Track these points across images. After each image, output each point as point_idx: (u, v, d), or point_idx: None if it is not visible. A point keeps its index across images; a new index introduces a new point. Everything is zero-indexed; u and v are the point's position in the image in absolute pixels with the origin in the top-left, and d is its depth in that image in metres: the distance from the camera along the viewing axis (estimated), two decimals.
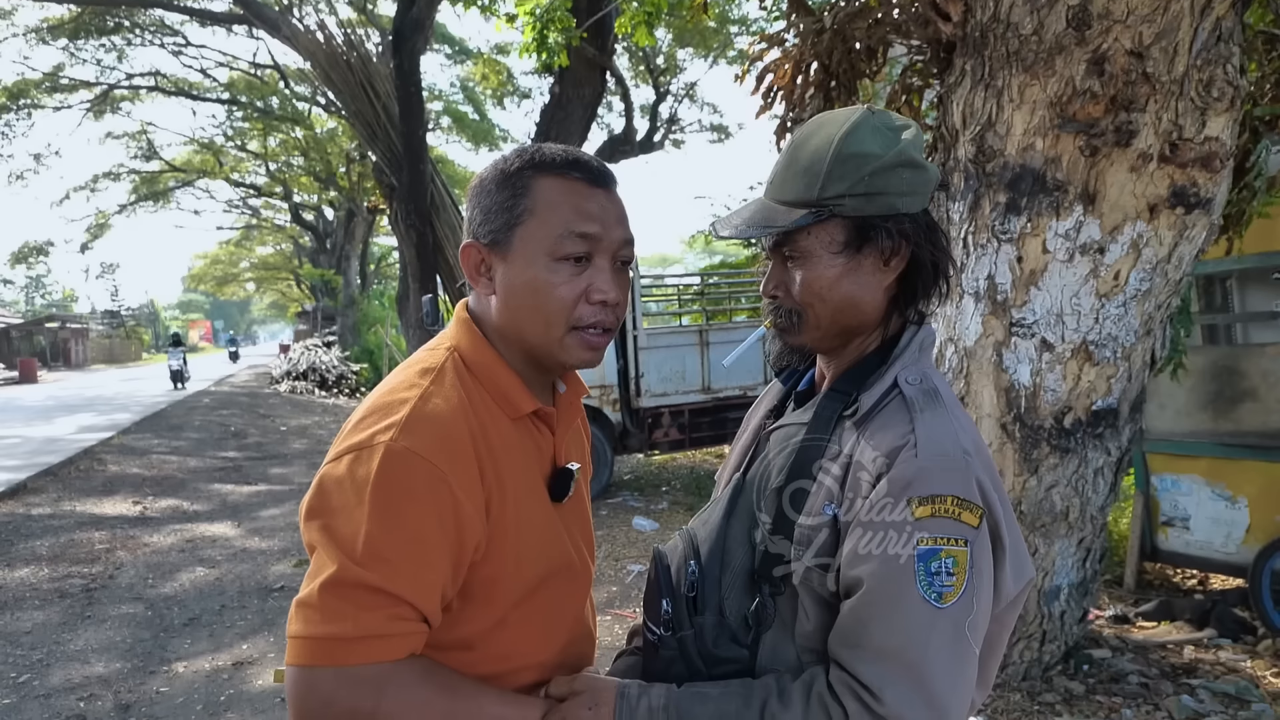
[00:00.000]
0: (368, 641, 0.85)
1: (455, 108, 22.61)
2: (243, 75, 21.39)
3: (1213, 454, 4.30)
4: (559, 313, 0.97)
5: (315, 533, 0.89)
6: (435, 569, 0.89)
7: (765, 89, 3.78)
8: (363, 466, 0.88)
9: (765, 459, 1.05)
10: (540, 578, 1.00)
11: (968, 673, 0.88)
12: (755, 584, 0.99)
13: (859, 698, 0.85)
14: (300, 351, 22.81)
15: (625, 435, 7.82)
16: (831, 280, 0.99)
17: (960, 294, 3.17)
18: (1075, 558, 3.26)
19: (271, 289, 51.30)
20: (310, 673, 0.85)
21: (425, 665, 0.90)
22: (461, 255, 1.02)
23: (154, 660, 4.13)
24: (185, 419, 14.11)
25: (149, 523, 6.99)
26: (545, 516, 1.02)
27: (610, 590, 5.06)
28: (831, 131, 0.99)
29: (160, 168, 27.28)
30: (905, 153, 0.98)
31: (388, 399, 0.95)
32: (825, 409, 1.01)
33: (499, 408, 0.99)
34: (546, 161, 0.99)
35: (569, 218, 0.97)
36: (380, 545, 0.86)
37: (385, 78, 11.07)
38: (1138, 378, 3.15)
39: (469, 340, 1.02)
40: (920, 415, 0.93)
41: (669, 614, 1.01)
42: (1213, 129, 2.77)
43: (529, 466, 1.02)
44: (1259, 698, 3.20)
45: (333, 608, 0.85)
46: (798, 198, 1.00)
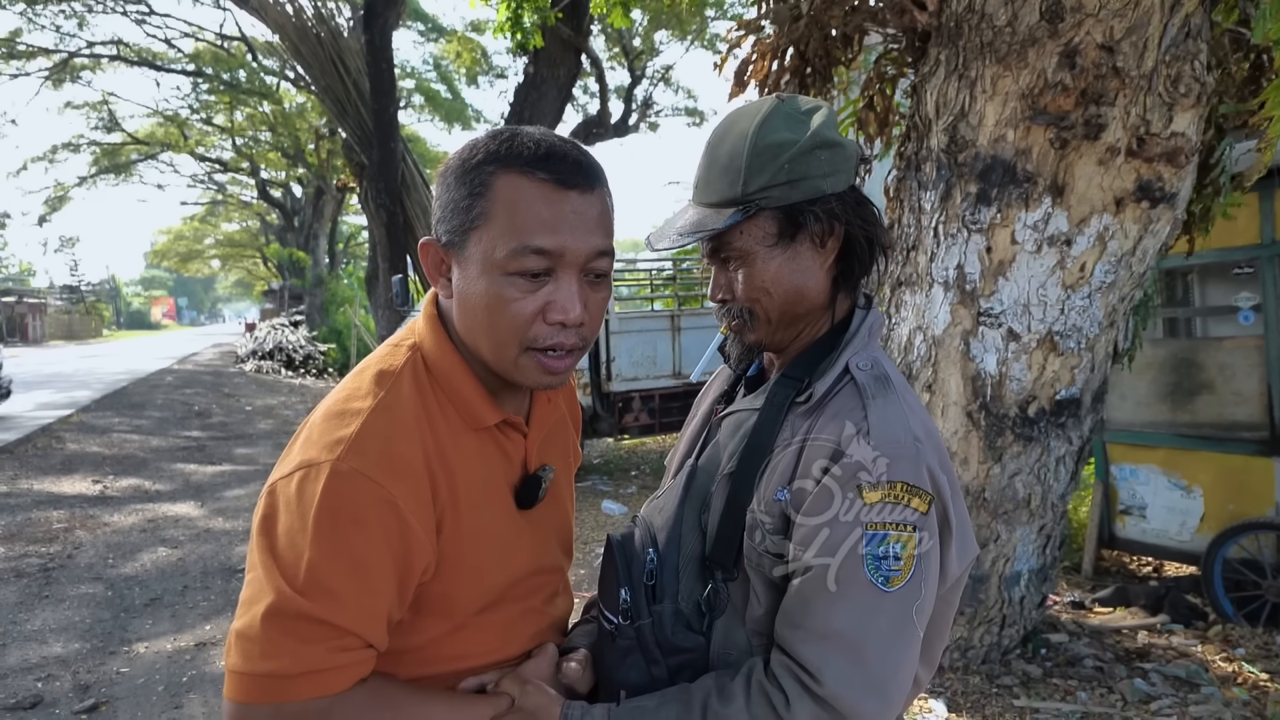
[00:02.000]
0: (309, 677, 0.81)
1: (428, 85, 22.28)
2: (209, 47, 20.85)
3: (1170, 444, 4.40)
4: (511, 332, 0.89)
5: (260, 553, 0.85)
6: (380, 595, 0.85)
7: (740, 75, 3.77)
8: (310, 486, 0.84)
9: (716, 445, 1.06)
10: (504, 586, 0.97)
11: (910, 656, 0.89)
12: (708, 570, 0.99)
13: (798, 679, 0.86)
14: (266, 330, 22.47)
15: (595, 419, 7.82)
16: (773, 273, 1.00)
17: (930, 283, 3.21)
18: (1036, 544, 3.33)
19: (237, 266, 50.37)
20: (248, 710, 0.81)
21: (369, 689, 0.87)
22: (420, 251, 0.94)
23: (114, 641, 4.07)
24: (148, 397, 13.85)
25: (109, 502, 6.86)
26: (509, 526, 0.98)
27: (579, 573, 5.07)
28: (745, 126, 0.99)
29: (122, 140, 26.55)
30: (820, 134, 0.98)
31: (342, 407, 0.90)
32: (777, 395, 1.01)
33: (460, 418, 0.94)
34: (514, 155, 0.88)
35: (527, 228, 0.86)
36: (323, 574, 0.82)
37: (356, 53, 10.88)
38: (1100, 368, 3.21)
39: (433, 341, 0.96)
40: (872, 402, 0.94)
41: (628, 603, 1.00)
42: (1179, 124, 2.81)
43: (492, 476, 0.97)
44: (1208, 681, 3.30)
45: (273, 641, 0.81)
46: (723, 198, 1.00)
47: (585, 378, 7.61)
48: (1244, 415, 4.15)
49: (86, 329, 49.14)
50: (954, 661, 3.40)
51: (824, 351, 1.01)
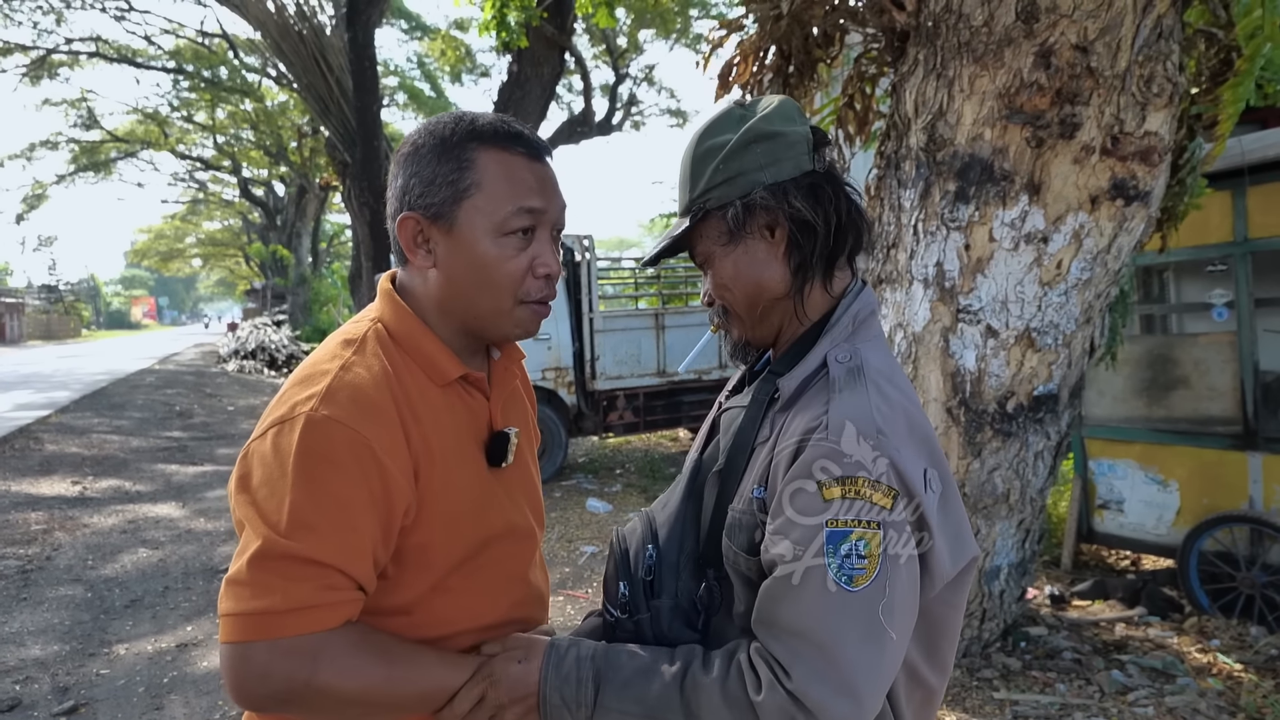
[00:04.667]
0: (299, 613, 0.85)
1: (411, 84, 22.18)
2: (189, 44, 20.66)
3: (1147, 439, 4.46)
4: (508, 288, 0.98)
5: (242, 508, 0.89)
6: (363, 534, 0.89)
7: (725, 76, 3.79)
8: (285, 438, 0.88)
9: (717, 441, 1.08)
10: (480, 542, 1.00)
11: (884, 658, 0.86)
12: (700, 568, 1.01)
13: (772, 670, 0.86)
14: (249, 330, 22.30)
15: (580, 417, 7.82)
16: (730, 270, 1.03)
17: (910, 280, 3.23)
18: (1015, 539, 3.37)
19: (219, 266, 49.99)
20: (244, 648, 0.85)
21: (360, 631, 0.90)
22: (399, 227, 0.99)
23: (94, 642, 4.04)
24: (128, 398, 13.71)
25: (89, 503, 6.80)
26: (481, 482, 1.02)
27: (563, 571, 5.07)
28: (694, 132, 1.05)
29: (101, 137, 26.29)
30: (754, 129, 1.00)
31: (309, 372, 0.94)
32: (760, 392, 1.03)
33: (425, 375, 0.99)
34: (488, 133, 0.98)
35: (517, 192, 0.97)
36: (305, 514, 0.85)
37: (339, 51, 10.83)
38: (1077, 364, 3.25)
39: (392, 311, 1.01)
40: (838, 395, 0.92)
41: (625, 597, 1.02)
42: (1152, 124, 2.86)
43: (460, 433, 1.01)
44: (1183, 672, 3.35)
45: (262, 582, 0.84)
46: (684, 207, 1.06)
47: (570, 376, 7.61)
48: (1218, 410, 4.21)
49: (65, 329, 48.56)
50: None
51: (806, 346, 1.01)
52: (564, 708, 0.91)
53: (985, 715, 3.05)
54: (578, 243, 7.67)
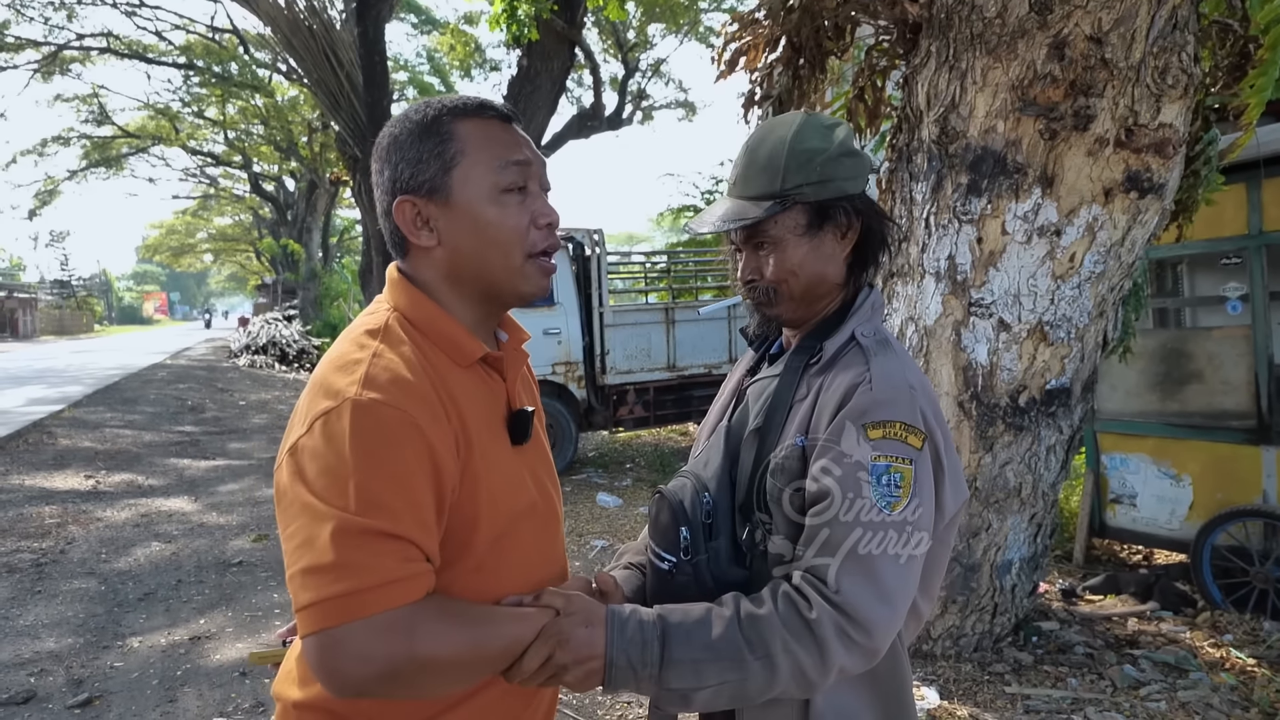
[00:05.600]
0: (388, 587, 0.85)
1: (421, 79, 22.20)
2: (200, 39, 20.73)
3: (1160, 434, 4.43)
4: (516, 242, 1.01)
5: (301, 500, 0.87)
6: (427, 508, 0.90)
7: (732, 63, 3.78)
8: (335, 425, 0.88)
9: (745, 408, 1.21)
10: (511, 518, 1.02)
11: (912, 571, 1.02)
12: (743, 514, 1.12)
13: (818, 589, 0.98)
14: (260, 325, 22.40)
15: (590, 412, 7.82)
16: (801, 258, 1.16)
17: (921, 274, 3.22)
18: (1027, 533, 3.35)
19: (230, 261, 50.20)
20: (337, 633, 0.83)
21: (439, 600, 0.91)
22: (396, 212, 1.01)
23: (107, 635, 4.07)
24: (140, 392, 13.81)
25: (102, 497, 6.85)
26: (509, 459, 1.04)
27: (574, 565, 5.09)
28: (782, 134, 1.16)
29: (113, 133, 26.40)
30: (844, 144, 1.16)
31: (341, 364, 0.94)
32: (794, 361, 1.18)
33: (449, 357, 1.01)
34: (459, 106, 1.02)
35: (500, 150, 1.01)
36: (374, 492, 0.85)
37: (349, 46, 10.83)
38: (1090, 358, 3.23)
39: (407, 298, 1.02)
40: (875, 358, 1.09)
41: (688, 540, 1.11)
42: (1167, 116, 2.83)
43: (487, 411, 1.03)
44: (1196, 667, 3.34)
45: (344, 561, 0.83)
46: (762, 192, 1.16)
47: (580, 370, 7.61)
48: (1232, 404, 4.18)
49: (77, 324, 48.90)
50: (946, 649, 3.43)
51: (834, 324, 1.18)
52: (630, 669, 0.96)
53: (997, 709, 3.05)
54: (588, 237, 7.67)
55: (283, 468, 0.91)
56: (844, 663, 0.97)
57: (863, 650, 0.97)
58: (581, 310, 7.60)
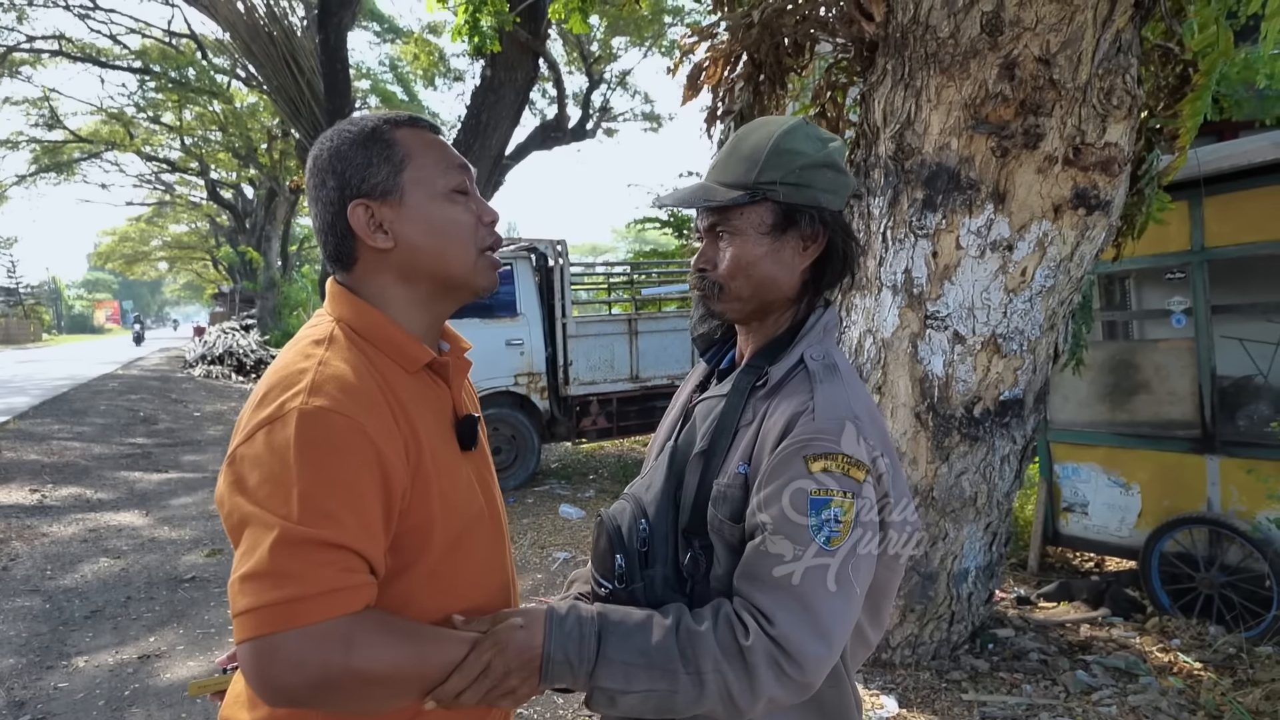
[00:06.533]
0: (326, 597, 0.84)
1: (384, 87, 22.00)
2: (156, 43, 20.32)
3: (1110, 443, 4.55)
4: (469, 238, 1.05)
5: (241, 510, 0.87)
6: (374, 516, 0.89)
7: (694, 79, 3.81)
8: (278, 434, 0.87)
9: (692, 427, 1.19)
10: (464, 523, 1.02)
11: (851, 608, 1.01)
12: (686, 539, 1.11)
13: (756, 619, 0.97)
14: (216, 335, 21.95)
15: (553, 423, 7.79)
16: (757, 257, 1.12)
17: (879, 287, 3.27)
18: (982, 542, 3.42)
19: (186, 269, 49.16)
20: (272, 640, 0.82)
21: (380, 615, 0.91)
22: (351, 216, 1.01)
23: (52, 655, 3.95)
24: (90, 403, 13.43)
25: (48, 512, 6.65)
26: (459, 464, 1.05)
27: (536, 578, 5.05)
28: (772, 129, 1.13)
29: (64, 137, 25.74)
30: (831, 157, 1.13)
31: (285, 373, 0.94)
32: (741, 382, 1.15)
33: (396, 363, 1.01)
34: (395, 118, 1.06)
35: (439, 157, 1.05)
36: (318, 500, 0.85)
37: (310, 53, 10.72)
38: (1042, 370, 3.31)
39: (351, 307, 1.03)
40: (820, 386, 1.07)
41: (623, 568, 1.10)
42: (1112, 135, 2.92)
43: (435, 417, 1.04)
44: (1146, 671, 3.42)
45: (283, 570, 0.83)
46: (736, 180, 1.13)
47: (543, 381, 7.59)
48: (1178, 414, 4.30)
49: (25, 333, 47.35)
50: (905, 658, 3.47)
51: (785, 344, 1.15)
52: (566, 664, 0.96)
53: (954, 717, 3.09)
54: (551, 248, 7.66)
55: (222, 478, 0.91)
56: (774, 693, 0.96)
57: (795, 684, 0.96)
58: (544, 321, 7.58)
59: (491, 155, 10.69)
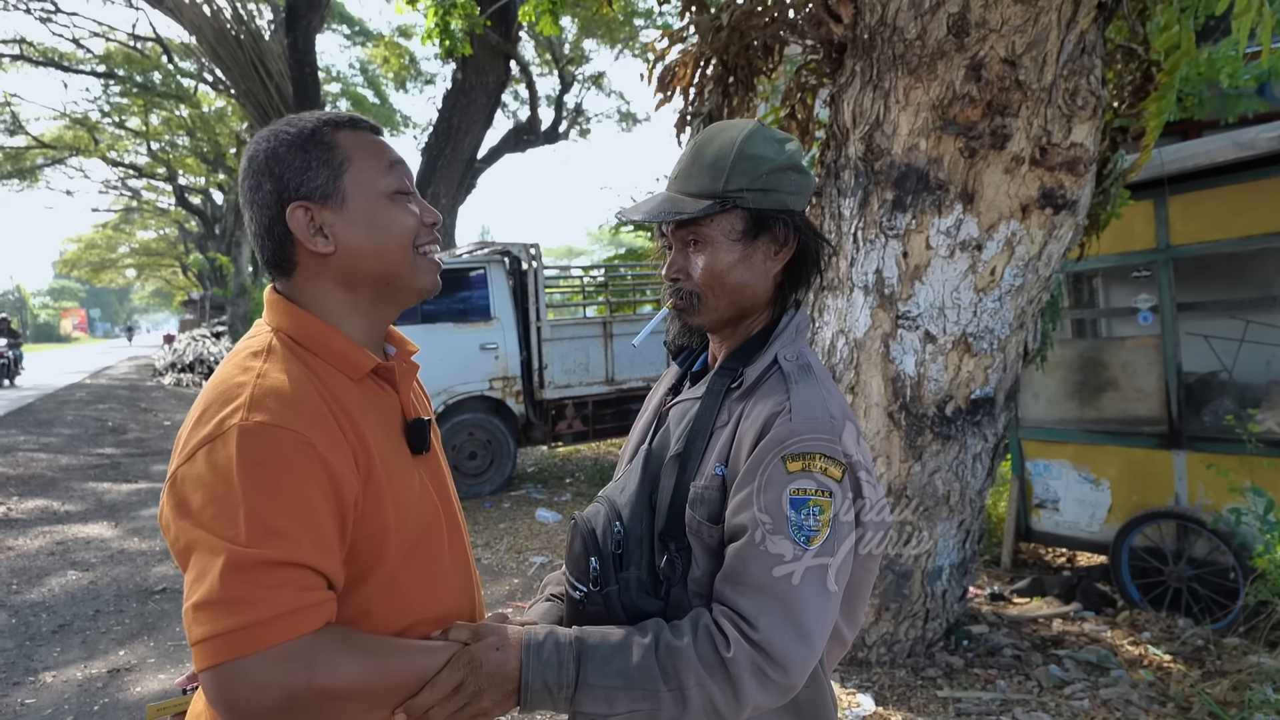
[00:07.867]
0: (284, 619, 0.82)
1: (354, 90, 21.82)
2: (121, 47, 19.99)
3: (1079, 440, 4.61)
4: (408, 239, 1.03)
5: (188, 534, 0.84)
6: (327, 530, 0.88)
7: (665, 82, 3.82)
8: (220, 453, 0.85)
9: (666, 431, 1.18)
10: (420, 529, 1.01)
11: (829, 610, 1.01)
12: (662, 542, 1.10)
13: (737, 625, 0.97)
14: (186, 342, 21.64)
15: (528, 427, 7.76)
16: (729, 264, 1.12)
17: (851, 288, 3.29)
18: (956, 539, 3.44)
19: (155, 276, 48.44)
20: (233, 666, 0.81)
21: (343, 631, 0.89)
22: (290, 219, 0.99)
23: (18, 670, 3.86)
24: (57, 414, 13.18)
25: (13, 524, 6.50)
26: (410, 469, 1.04)
27: (513, 583, 5.02)
28: (733, 135, 1.13)
29: (26, 143, 25.25)
30: (793, 159, 1.14)
31: (222, 388, 0.91)
32: (716, 384, 1.14)
33: (339, 371, 0.99)
34: (334, 119, 1.04)
35: (380, 159, 1.03)
36: (266, 519, 0.83)
37: (278, 56, 10.61)
38: (1012, 368, 3.35)
39: (290, 317, 1.01)
40: (795, 386, 1.07)
41: (597, 571, 1.09)
42: (1077, 135, 2.96)
43: (383, 423, 1.02)
44: (1117, 665, 3.46)
45: (236, 596, 0.81)
46: (703, 190, 1.12)
47: (518, 385, 7.55)
48: (1145, 411, 4.37)
49: None
50: (880, 656, 3.49)
51: (758, 346, 1.15)
52: (545, 691, 0.95)
53: (929, 714, 3.11)
54: (525, 251, 7.63)
55: (164, 501, 0.88)
56: (759, 700, 0.97)
57: (779, 687, 0.97)
58: (519, 325, 7.55)
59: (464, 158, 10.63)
